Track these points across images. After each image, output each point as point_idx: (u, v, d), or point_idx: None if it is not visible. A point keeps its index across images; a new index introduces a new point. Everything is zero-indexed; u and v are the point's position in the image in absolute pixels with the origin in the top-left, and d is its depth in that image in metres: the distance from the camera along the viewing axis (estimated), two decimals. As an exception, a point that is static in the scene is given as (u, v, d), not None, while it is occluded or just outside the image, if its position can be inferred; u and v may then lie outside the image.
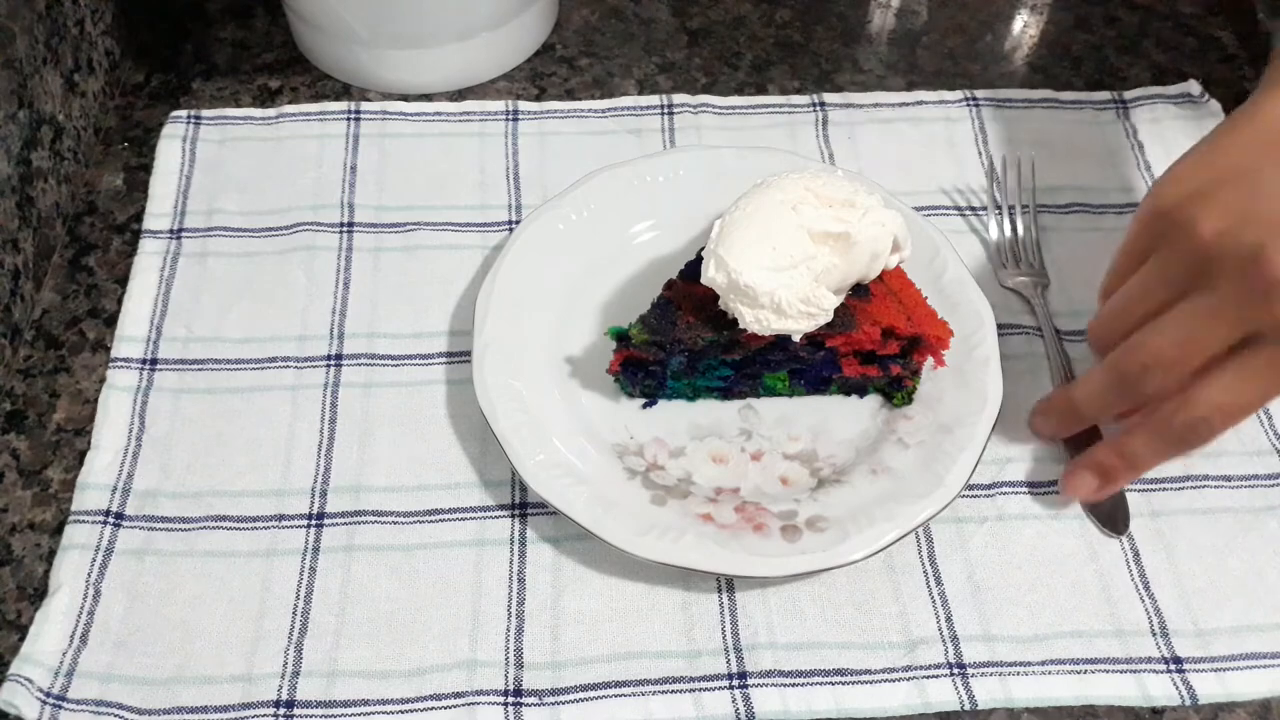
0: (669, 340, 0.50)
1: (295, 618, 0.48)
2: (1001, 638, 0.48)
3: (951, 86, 0.69)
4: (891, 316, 0.51)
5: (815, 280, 0.48)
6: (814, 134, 0.66)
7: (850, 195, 0.50)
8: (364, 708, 0.46)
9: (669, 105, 0.67)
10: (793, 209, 0.49)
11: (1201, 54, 0.72)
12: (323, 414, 0.54)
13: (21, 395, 0.55)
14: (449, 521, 0.51)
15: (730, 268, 0.47)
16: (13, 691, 0.45)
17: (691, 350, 0.50)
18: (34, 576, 0.49)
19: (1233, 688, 0.47)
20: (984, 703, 0.46)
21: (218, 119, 0.65)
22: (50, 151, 0.59)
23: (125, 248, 0.60)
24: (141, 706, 0.46)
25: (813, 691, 0.47)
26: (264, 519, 0.51)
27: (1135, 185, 0.64)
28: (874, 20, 0.74)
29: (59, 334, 0.57)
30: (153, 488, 0.51)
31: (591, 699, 0.46)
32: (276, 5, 0.71)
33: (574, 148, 0.64)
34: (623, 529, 0.48)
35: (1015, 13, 0.75)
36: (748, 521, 0.49)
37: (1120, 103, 0.68)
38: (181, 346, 0.56)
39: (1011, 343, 0.57)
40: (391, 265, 0.59)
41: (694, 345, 0.50)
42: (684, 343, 0.50)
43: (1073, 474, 0.50)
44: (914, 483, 0.50)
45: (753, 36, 0.72)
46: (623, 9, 0.73)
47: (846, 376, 0.53)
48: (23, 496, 0.52)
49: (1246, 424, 0.55)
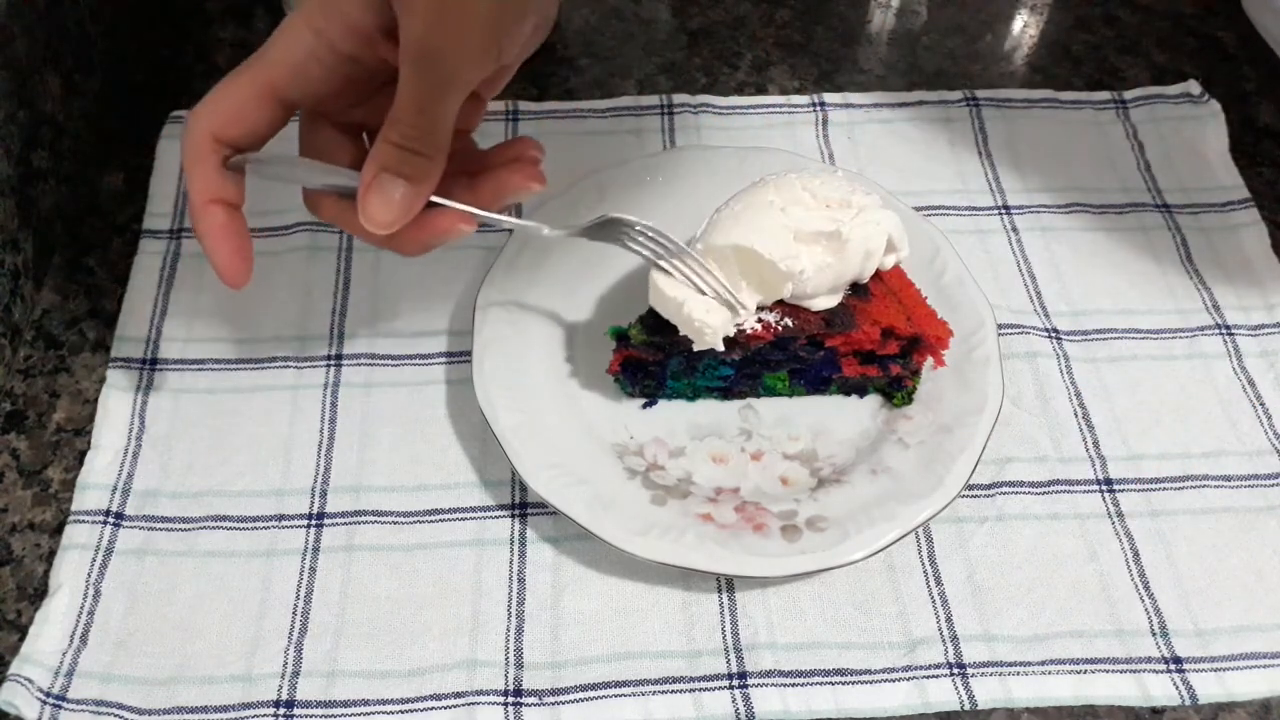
0: (668, 340, 0.50)
1: (295, 618, 0.48)
2: (1001, 638, 0.48)
3: (951, 86, 0.69)
4: (891, 316, 0.51)
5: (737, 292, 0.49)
6: (814, 134, 0.66)
7: (846, 195, 0.50)
8: (364, 708, 0.46)
9: (669, 105, 0.67)
10: (781, 209, 0.49)
11: (1201, 54, 0.72)
12: (323, 414, 0.54)
13: (21, 395, 0.55)
14: (449, 521, 0.51)
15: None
16: (13, 691, 0.45)
17: (690, 350, 0.50)
18: (34, 576, 0.49)
19: (1233, 688, 0.47)
20: (984, 703, 0.46)
21: (218, 119, 0.65)
22: (50, 151, 0.59)
23: (125, 248, 0.60)
24: (141, 706, 0.46)
25: (813, 691, 0.47)
26: (264, 519, 0.51)
27: (1135, 185, 0.64)
28: (874, 20, 0.74)
29: (59, 334, 0.57)
30: (153, 488, 0.51)
31: (591, 699, 0.46)
32: (276, 5, 0.71)
33: (574, 148, 0.64)
34: (623, 529, 0.48)
35: (1015, 13, 0.75)
36: (748, 521, 0.49)
37: (1120, 103, 0.68)
38: (181, 346, 0.56)
39: (1011, 343, 0.57)
40: (391, 265, 0.59)
41: (692, 345, 0.50)
42: (681, 343, 0.50)
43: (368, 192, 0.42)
44: (914, 483, 0.50)
45: (753, 36, 0.72)
46: (623, 9, 0.73)
47: (846, 376, 0.53)
48: (23, 496, 0.52)
49: (1246, 424, 0.55)
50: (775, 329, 0.50)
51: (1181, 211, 0.63)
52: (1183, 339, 0.58)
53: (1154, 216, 0.63)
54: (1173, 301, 0.59)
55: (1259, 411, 0.55)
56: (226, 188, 0.43)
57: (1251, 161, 0.66)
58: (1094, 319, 0.58)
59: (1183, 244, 0.62)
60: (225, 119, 0.42)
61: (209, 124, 0.42)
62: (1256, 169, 0.65)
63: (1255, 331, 0.58)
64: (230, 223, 0.44)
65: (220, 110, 0.42)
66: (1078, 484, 0.53)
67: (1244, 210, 0.63)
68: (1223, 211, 0.63)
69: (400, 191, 0.41)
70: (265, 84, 0.42)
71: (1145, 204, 0.64)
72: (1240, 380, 0.56)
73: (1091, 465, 0.53)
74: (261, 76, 0.42)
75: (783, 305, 0.51)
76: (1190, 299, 0.60)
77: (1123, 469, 0.53)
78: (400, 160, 0.41)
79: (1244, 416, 0.55)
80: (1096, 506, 0.52)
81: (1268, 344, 0.58)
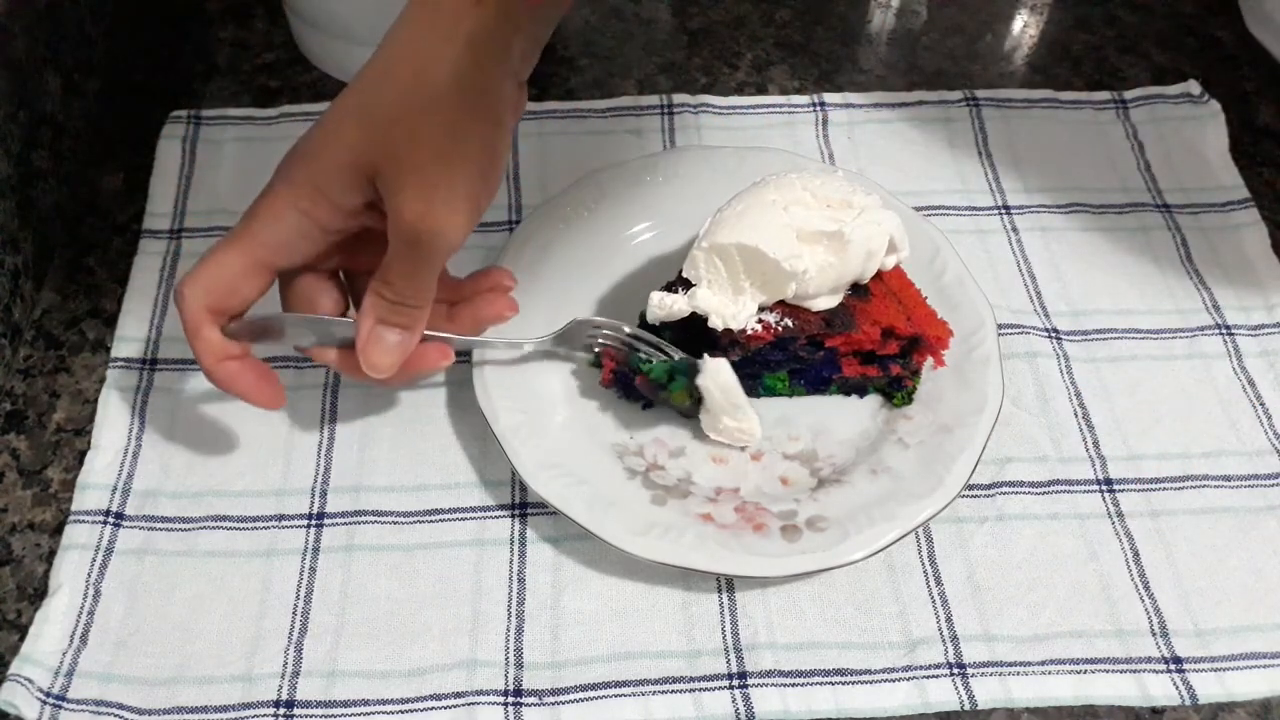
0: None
1: (295, 618, 0.48)
2: (1001, 638, 0.48)
3: (951, 86, 0.69)
4: (891, 316, 0.51)
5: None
6: (814, 134, 0.66)
7: (847, 195, 0.50)
8: (364, 708, 0.46)
9: (669, 105, 0.67)
10: (784, 209, 0.49)
11: (1201, 54, 0.72)
12: (323, 414, 0.54)
13: (21, 395, 0.55)
14: (449, 521, 0.51)
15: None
16: (13, 691, 0.45)
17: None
18: (34, 576, 0.49)
19: (1233, 688, 0.47)
20: (984, 703, 0.46)
21: (218, 119, 0.65)
22: (50, 151, 0.59)
23: (125, 248, 0.60)
24: (141, 706, 0.46)
25: (813, 691, 0.47)
26: (264, 519, 0.51)
27: (1135, 185, 0.64)
28: (874, 20, 0.74)
29: (59, 334, 0.57)
30: (153, 488, 0.51)
31: (591, 699, 0.46)
32: (276, 5, 0.71)
33: (574, 148, 0.64)
34: (623, 529, 0.48)
35: (1015, 13, 0.75)
36: (748, 521, 0.49)
37: (1120, 103, 0.68)
38: (181, 346, 0.56)
39: (1011, 343, 0.57)
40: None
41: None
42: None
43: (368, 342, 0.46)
44: (914, 483, 0.50)
45: (753, 36, 0.72)
46: (623, 9, 0.73)
47: (846, 376, 0.53)
48: (23, 496, 0.52)
49: (1246, 424, 0.55)
50: (775, 329, 0.50)
51: (1181, 211, 0.63)
52: (1183, 339, 0.58)
53: (1154, 216, 0.63)
54: (1173, 301, 0.59)
55: (1259, 411, 0.55)
56: (230, 346, 0.47)
57: (1251, 161, 0.66)
58: (1094, 319, 0.59)
59: (1183, 244, 0.62)
60: (219, 294, 0.45)
61: (204, 300, 0.45)
62: (1256, 169, 0.65)
63: (1255, 331, 0.58)
64: (245, 368, 0.47)
65: (213, 287, 0.45)
66: (1078, 484, 0.53)
67: (1244, 210, 0.63)
68: (1223, 211, 0.63)
69: (395, 339, 0.46)
70: (255, 260, 0.45)
71: (1145, 204, 0.64)
72: (1240, 380, 0.56)
73: (1091, 465, 0.53)
74: (251, 253, 0.45)
75: (783, 305, 0.51)
76: (1190, 299, 0.60)
77: (1123, 469, 0.53)
78: (394, 313, 0.45)
79: (1244, 416, 0.55)
80: (1096, 506, 0.52)
81: (1268, 344, 0.58)
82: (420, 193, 0.42)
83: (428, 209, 0.42)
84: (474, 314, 0.51)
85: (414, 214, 0.42)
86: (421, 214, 0.42)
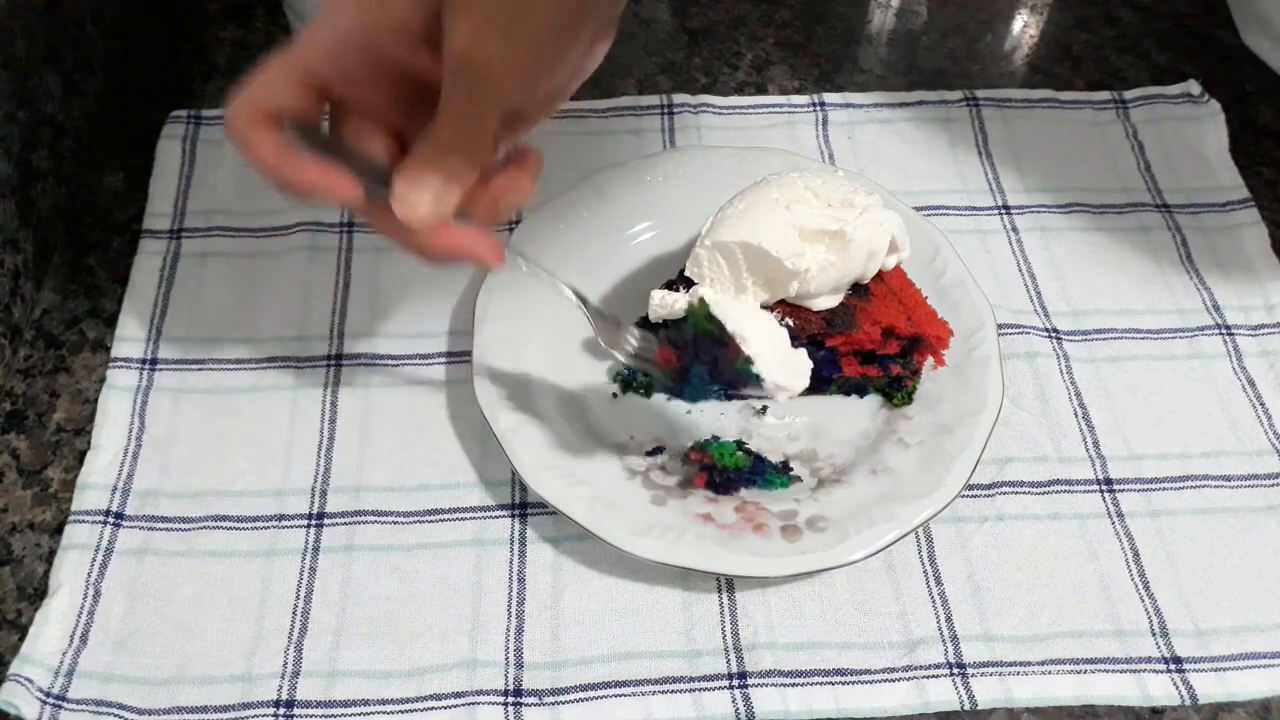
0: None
1: (295, 618, 0.48)
2: (1001, 638, 0.48)
3: (951, 86, 0.69)
4: (892, 316, 0.51)
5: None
6: (814, 134, 0.66)
7: (849, 195, 0.50)
8: (364, 708, 0.46)
9: (669, 105, 0.67)
10: (786, 207, 0.49)
11: (1201, 54, 0.72)
12: (323, 414, 0.54)
13: (21, 395, 0.55)
14: (449, 521, 0.51)
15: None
16: (13, 691, 0.45)
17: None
18: (34, 576, 0.49)
19: (1233, 688, 0.47)
20: (984, 703, 0.46)
21: (218, 119, 0.65)
22: (50, 151, 0.59)
23: (125, 248, 0.60)
24: (141, 706, 0.46)
25: (813, 691, 0.47)
26: (264, 519, 0.51)
27: (1135, 185, 0.64)
28: (874, 20, 0.74)
29: (59, 334, 0.57)
30: (153, 488, 0.51)
31: (591, 699, 0.46)
32: (276, 5, 0.71)
33: (574, 148, 0.64)
34: (622, 529, 0.48)
35: (1015, 13, 0.75)
36: (748, 521, 0.49)
37: (1120, 103, 0.68)
38: (181, 347, 0.56)
39: (1011, 343, 0.57)
40: (391, 265, 0.59)
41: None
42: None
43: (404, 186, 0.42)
44: (914, 483, 0.50)
45: (753, 36, 0.72)
46: (623, 9, 0.73)
47: (846, 376, 0.53)
48: (23, 496, 0.52)
49: (1246, 424, 0.55)
50: (775, 329, 0.50)
51: (1181, 211, 0.63)
52: (1183, 339, 0.58)
53: (1154, 216, 0.63)
54: (1173, 301, 0.59)
55: (1259, 411, 0.55)
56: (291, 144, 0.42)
57: (1251, 161, 0.66)
58: (1094, 319, 0.59)
59: (1183, 244, 0.62)
60: (265, 110, 0.41)
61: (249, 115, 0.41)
62: (1256, 169, 0.65)
63: (1255, 331, 0.58)
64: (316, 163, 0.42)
65: (259, 102, 0.41)
66: (1078, 484, 0.53)
67: (1244, 210, 0.63)
68: (1223, 211, 0.63)
69: (437, 184, 0.41)
70: (300, 69, 0.41)
71: (1145, 204, 0.64)
72: (1240, 380, 0.56)
73: (1091, 465, 0.53)
74: (296, 62, 0.41)
75: (784, 305, 0.51)
76: (1190, 299, 0.60)
77: (1123, 469, 0.53)
78: (438, 156, 0.41)
79: (1244, 416, 0.55)
80: (1096, 506, 0.52)
81: (1268, 344, 0.58)
82: (478, 20, 0.38)
83: (483, 35, 0.38)
84: (491, 199, 0.45)
85: (466, 39, 0.38)
86: (475, 40, 0.38)
